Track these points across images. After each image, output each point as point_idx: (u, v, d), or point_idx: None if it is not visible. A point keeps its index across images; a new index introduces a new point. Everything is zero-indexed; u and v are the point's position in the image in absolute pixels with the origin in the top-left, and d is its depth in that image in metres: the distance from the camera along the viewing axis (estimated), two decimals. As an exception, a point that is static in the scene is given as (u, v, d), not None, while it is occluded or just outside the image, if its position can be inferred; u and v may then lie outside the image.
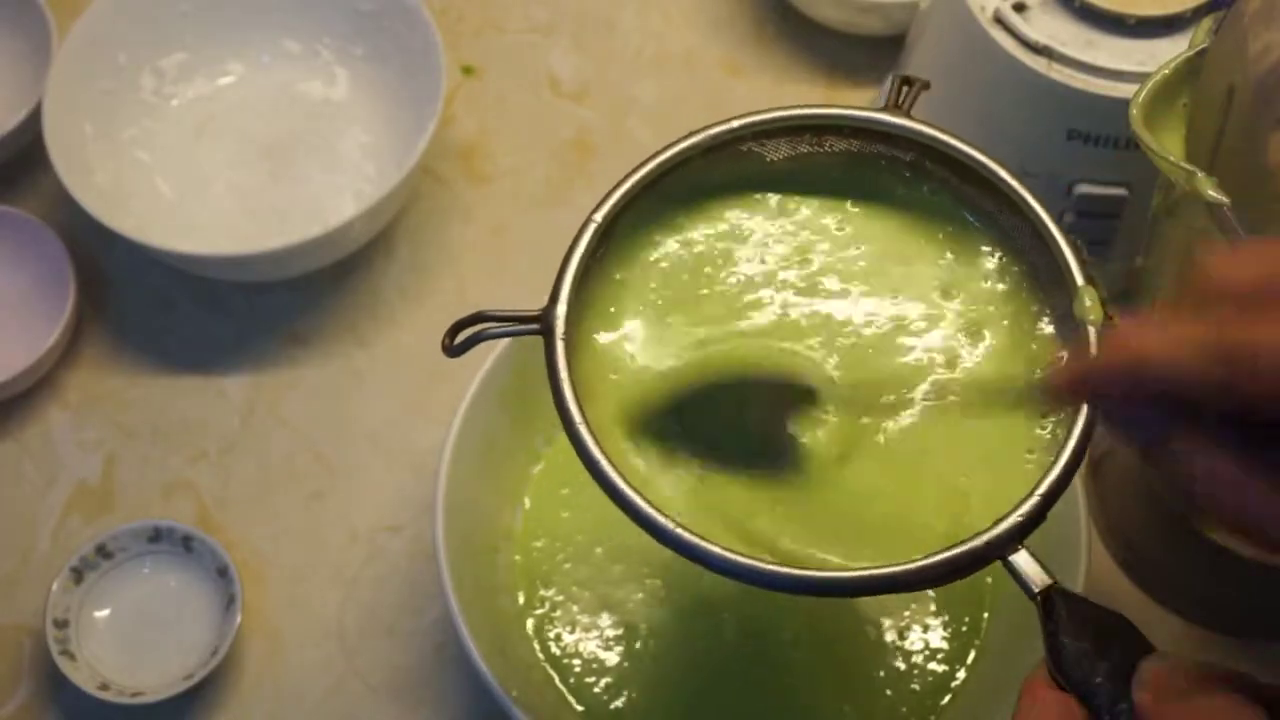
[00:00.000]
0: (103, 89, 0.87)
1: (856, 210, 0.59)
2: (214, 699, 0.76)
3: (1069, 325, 0.54)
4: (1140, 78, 0.58)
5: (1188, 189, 0.53)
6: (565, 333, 0.53)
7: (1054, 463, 0.50)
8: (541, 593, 0.74)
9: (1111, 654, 0.45)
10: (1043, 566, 0.48)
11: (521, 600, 0.73)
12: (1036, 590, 0.48)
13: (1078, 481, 0.70)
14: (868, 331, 0.56)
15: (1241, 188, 0.52)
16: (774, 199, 0.59)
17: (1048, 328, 0.55)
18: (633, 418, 0.54)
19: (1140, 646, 0.45)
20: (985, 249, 0.57)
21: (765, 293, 0.57)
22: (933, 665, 0.72)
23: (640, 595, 0.73)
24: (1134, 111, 0.56)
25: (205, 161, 0.89)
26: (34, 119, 0.85)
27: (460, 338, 0.54)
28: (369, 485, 0.82)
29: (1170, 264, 0.60)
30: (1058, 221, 0.54)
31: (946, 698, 0.71)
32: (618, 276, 0.57)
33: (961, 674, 0.72)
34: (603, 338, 0.56)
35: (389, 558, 0.80)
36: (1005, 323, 0.56)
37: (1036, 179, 0.75)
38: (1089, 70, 0.72)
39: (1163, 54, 0.68)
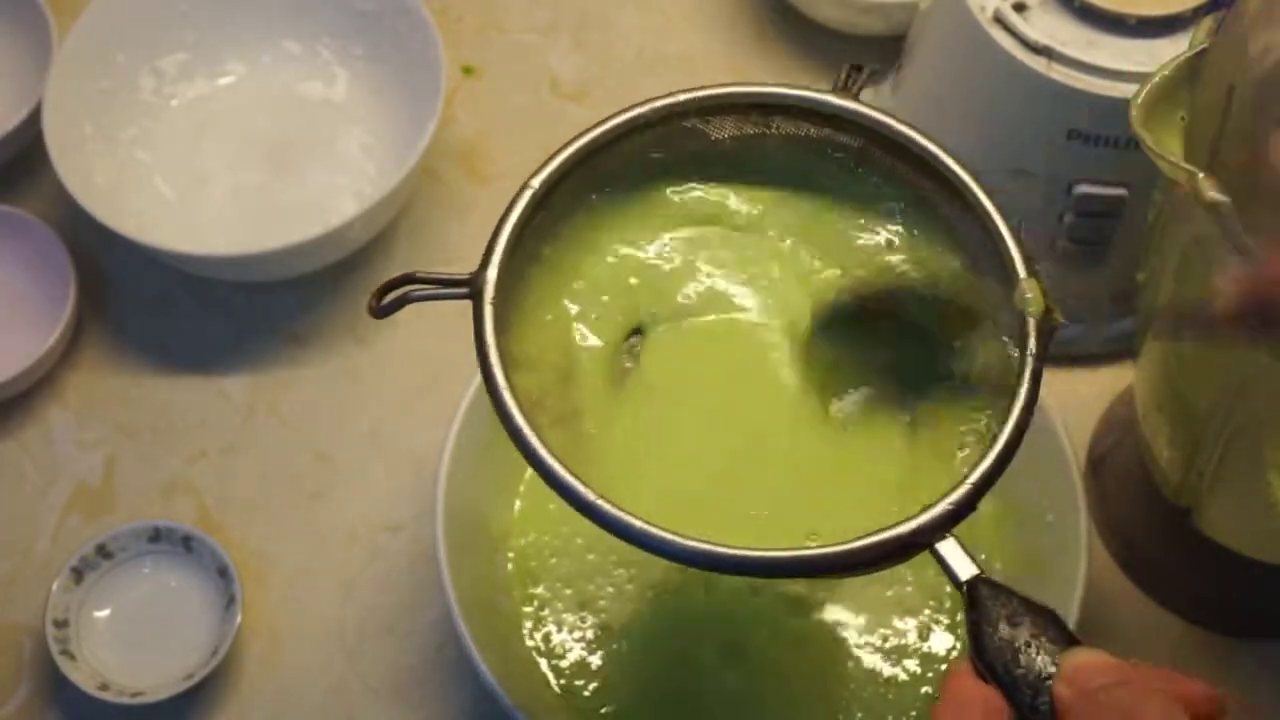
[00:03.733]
0: (103, 89, 0.87)
1: (800, 200, 0.58)
2: (214, 699, 0.76)
3: (1007, 320, 0.53)
4: (1140, 78, 0.58)
5: (1188, 189, 0.53)
6: (494, 298, 0.52)
7: (986, 453, 0.49)
8: (531, 590, 0.74)
9: (1036, 647, 0.45)
10: (970, 557, 0.48)
11: (515, 598, 0.74)
12: (962, 580, 0.48)
13: (1078, 481, 0.70)
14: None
15: (1241, 188, 0.52)
16: (720, 188, 0.58)
17: (988, 323, 0.55)
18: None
19: (1066, 640, 0.45)
20: (934, 244, 0.57)
21: (699, 278, 0.57)
22: (935, 666, 0.72)
23: (612, 589, 0.74)
24: (1134, 111, 0.56)
25: (205, 162, 0.89)
26: (34, 119, 0.85)
27: (388, 299, 0.52)
28: (369, 485, 0.82)
29: (1170, 265, 0.60)
30: (1005, 218, 0.53)
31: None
32: (546, 251, 0.56)
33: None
34: (532, 311, 0.55)
35: (389, 558, 0.80)
36: (949, 316, 0.56)
37: (1036, 179, 0.75)
38: (1089, 70, 0.72)
39: (1163, 54, 0.68)
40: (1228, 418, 0.59)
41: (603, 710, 0.71)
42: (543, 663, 0.72)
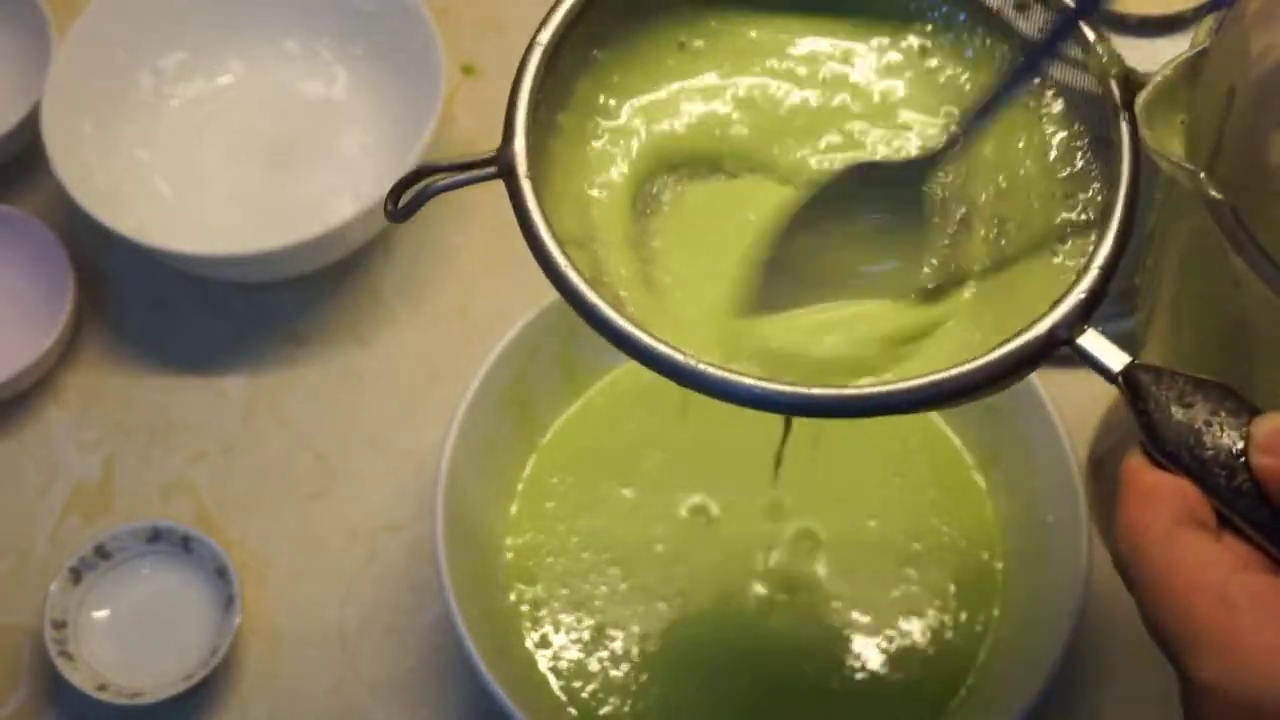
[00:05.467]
0: (102, 88, 0.87)
1: (826, 21, 0.54)
2: (213, 699, 0.76)
3: (1076, 98, 0.50)
4: (1141, 77, 0.58)
5: (1188, 188, 0.53)
6: (530, 170, 0.47)
7: (1104, 229, 0.46)
8: (528, 590, 0.74)
9: (1217, 424, 0.41)
10: (1116, 343, 0.44)
11: (514, 598, 0.73)
12: (1116, 371, 0.43)
13: (1078, 482, 0.70)
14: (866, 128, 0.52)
15: (1241, 188, 0.52)
16: (734, 19, 0.53)
17: (1053, 109, 0.51)
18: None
19: (1248, 409, 0.41)
20: (966, 33, 0.53)
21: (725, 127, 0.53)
22: (940, 667, 0.72)
23: (605, 589, 0.73)
24: (1135, 111, 0.56)
25: (205, 161, 0.89)
26: (33, 118, 0.85)
27: (405, 198, 0.48)
28: (369, 485, 0.81)
29: (1171, 264, 0.60)
30: None
31: (954, 699, 0.71)
32: (561, 119, 0.51)
33: (970, 675, 0.72)
34: (561, 184, 0.50)
35: (389, 558, 0.79)
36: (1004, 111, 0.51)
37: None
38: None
39: (1163, 54, 0.68)
40: (1229, 418, 0.59)
41: (602, 712, 0.71)
42: (542, 663, 0.72)
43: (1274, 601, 0.38)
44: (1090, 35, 0.49)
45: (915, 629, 0.72)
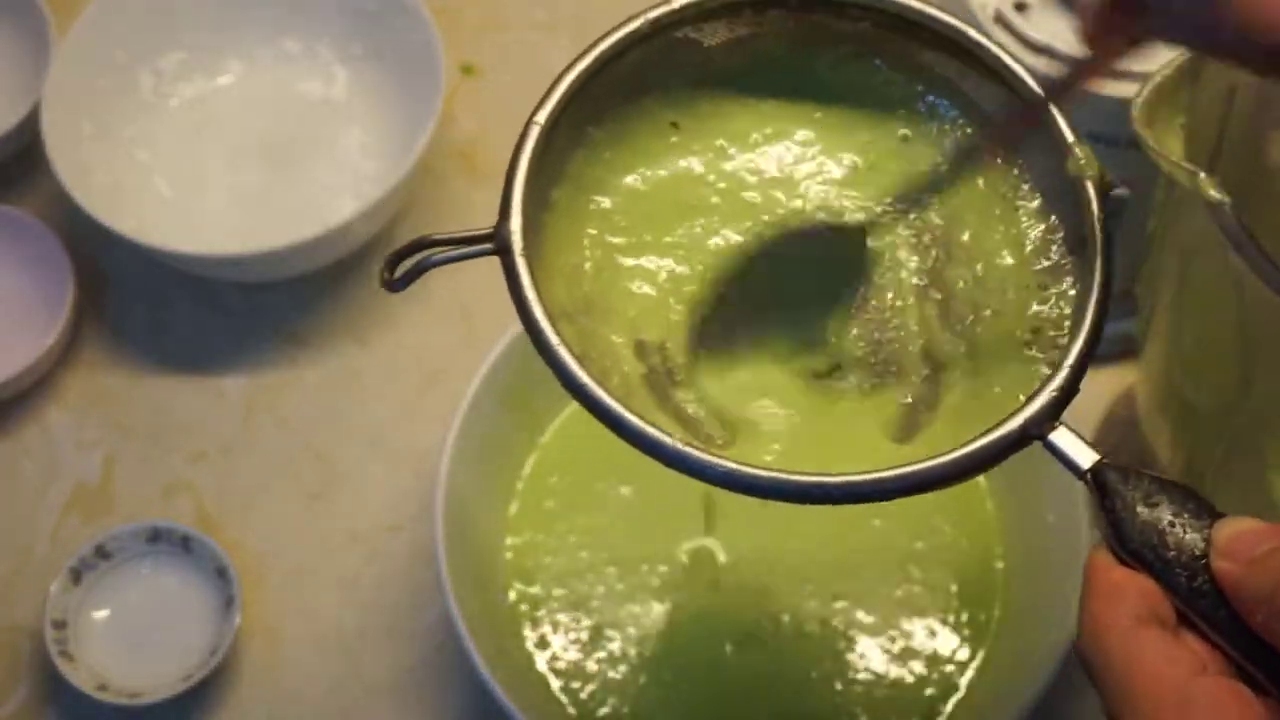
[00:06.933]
0: (101, 88, 0.87)
1: (807, 107, 0.55)
2: (213, 700, 0.76)
3: (1054, 191, 0.50)
4: (1141, 77, 0.58)
5: (1188, 188, 0.53)
6: (525, 248, 0.48)
7: (1077, 326, 0.47)
8: (527, 590, 0.74)
9: (1180, 525, 0.42)
10: (1087, 443, 0.45)
11: (513, 597, 0.73)
12: (1085, 469, 0.44)
13: (1078, 482, 0.70)
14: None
15: (1241, 188, 0.52)
16: (722, 103, 0.54)
17: (1032, 200, 0.52)
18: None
19: (1209, 512, 0.42)
20: (946, 125, 0.53)
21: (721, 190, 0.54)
22: (941, 667, 0.72)
23: (603, 589, 0.74)
24: (1135, 112, 0.56)
25: (204, 161, 0.89)
26: (33, 118, 0.85)
27: (401, 269, 0.48)
28: (369, 485, 0.81)
29: (1171, 264, 0.60)
30: (1037, 77, 0.50)
31: (954, 699, 0.71)
32: (555, 195, 0.52)
33: (970, 674, 0.72)
34: (553, 258, 0.51)
35: (389, 558, 0.79)
36: (981, 201, 0.52)
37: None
38: (1090, 70, 0.72)
39: (1164, 54, 0.68)
40: (1229, 418, 0.59)
41: (600, 712, 0.71)
42: (541, 663, 0.72)
43: (1230, 705, 0.39)
44: (1069, 136, 0.50)
45: (918, 628, 0.72)
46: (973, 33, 0.51)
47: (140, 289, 0.87)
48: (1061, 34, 0.72)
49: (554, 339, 0.47)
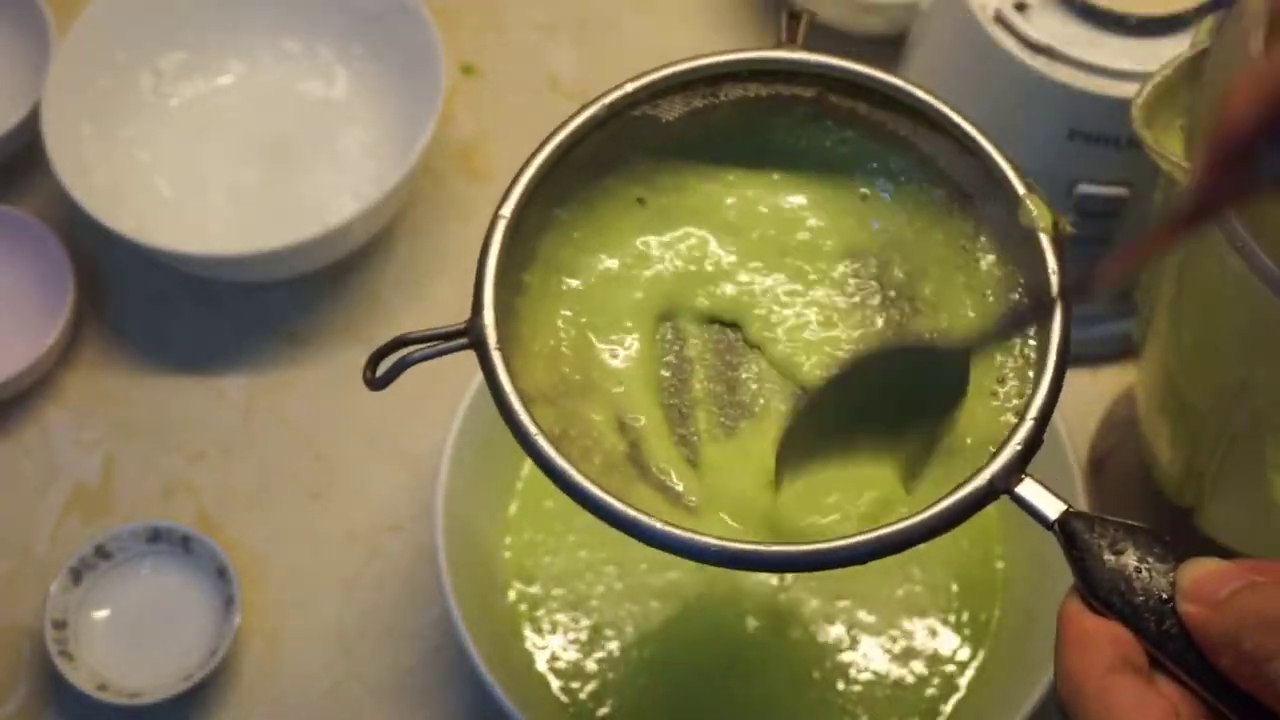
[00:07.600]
0: (101, 88, 0.87)
1: (767, 175, 0.56)
2: (213, 700, 0.76)
3: (1011, 240, 0.51)
4: (1141, 77, 0.58)
5: (1188, 188, 0.53)
6: (499, 342, 0.49)
7: (1037, 382, 0.47)
8: (526, 590, 0.74)
9: (1147, 570, 0.42)
10: (1051, 492, 0.45)
11: (513, 597, 0.73)
12: (1052, 519, 0.45)
13: (1079, 482, 0.70)
14: (805, 301, 0.54)
15: (1242, 187, 0.52)
16: (684, 177, 0.55)
17: (987, 255, 0.53)
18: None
19: (1173, 554, 0.42)
20: (903, 180, 0.54)
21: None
22: (942, 667, 0.72)
23: (602, 589, 0.73)
24: (1135, 111, 0.56)
25: (204, 161, 0.89)
26: (33, 118, 0.85)
27: (383, 368, 0.50)
28: (369, 485, 0.81)
29: (1170, 266, 0.60)
30: (990, 140, 0.51)
31: (955, 698, 0.71)
32: (526, 278, 0.53)
33: (970, 674, 0.72)
34: (529, 343, 0.52)
35: (389, 558, 0.79)
36: (941, 253, 0.53)
37: (1037, 179, 0.75)
38: (1090, 70, 0.72)
39: (1164, 54, 0.68)
40: (1229, 418, 0.59)
41: (600, 712, 0.71)
42: (541, 663, 0.72)
43: None
44: (1020, 188, 0.50)
45: (919, 628, 0.72)
46: (919, 92, 0.52)
47: (140, 289, 0.87)
48: (1061, 34, 0.72)
49: (532, 429, 0.48)
